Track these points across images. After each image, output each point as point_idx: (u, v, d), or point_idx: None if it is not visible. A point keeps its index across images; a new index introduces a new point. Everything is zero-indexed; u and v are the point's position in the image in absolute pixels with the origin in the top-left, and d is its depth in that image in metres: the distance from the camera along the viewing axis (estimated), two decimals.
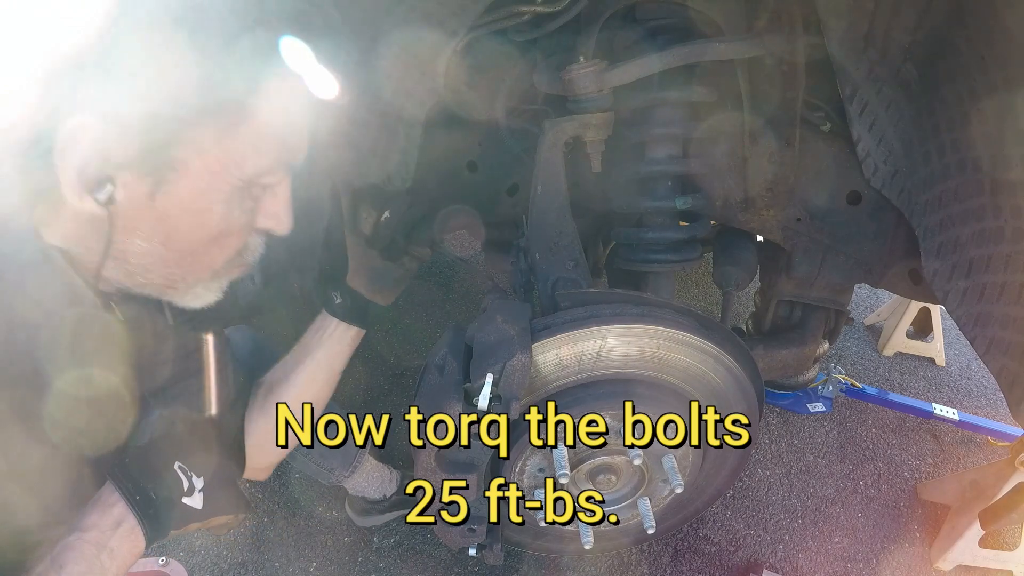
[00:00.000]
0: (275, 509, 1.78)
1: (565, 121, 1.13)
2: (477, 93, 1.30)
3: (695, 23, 1.13)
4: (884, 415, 2.14)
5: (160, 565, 1.37)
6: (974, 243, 0.94)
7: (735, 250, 1.44)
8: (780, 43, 1.07)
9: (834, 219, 1.27)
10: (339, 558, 1.65)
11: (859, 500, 1.82)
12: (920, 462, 1.96)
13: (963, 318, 0.97)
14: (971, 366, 2.45)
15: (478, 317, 1.03)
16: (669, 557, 1.65)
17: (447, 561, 1.63)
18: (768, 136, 1.20)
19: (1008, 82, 0.84)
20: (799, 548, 1.68)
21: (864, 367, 2.44)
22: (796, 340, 1.54)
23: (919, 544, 1.70)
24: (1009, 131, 0.85)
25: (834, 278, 1.35)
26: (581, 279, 1.11)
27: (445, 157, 1.48)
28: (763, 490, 1.85)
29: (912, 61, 1.01)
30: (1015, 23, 0.80)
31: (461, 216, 1.24)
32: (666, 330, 0.99)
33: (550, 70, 1.18)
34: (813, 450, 1.99)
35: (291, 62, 0.74)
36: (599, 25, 1.15)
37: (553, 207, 1.15)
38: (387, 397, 2.23)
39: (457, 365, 0.93)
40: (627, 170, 1.26)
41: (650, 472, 1.10)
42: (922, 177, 1.06)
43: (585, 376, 1.03)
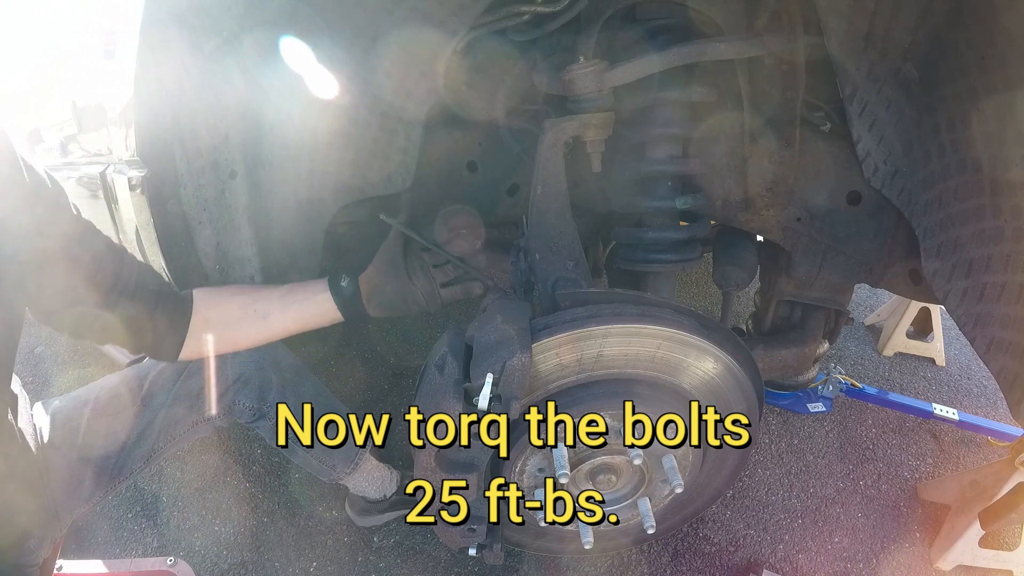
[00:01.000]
0: (275, 509, 1.78)
1: (565, 121, 1.13)
2: (477, 93, 1.30)
3: (695, 23, 1.13)
4: (884, 415, 2.14)
5: (168, 565, 1.37)
6: (974, 243, 0.94)
7: (735, 250, 1.44)
8: (780, 43, 1.07)
9: (834, 219, 1.27)
10: (339, 558, 1.65)
11: (859, 500, 1.82)
12: (920, 462, 1.96)
13: (963, 318, 0.97)
14: (971, 366, 2.45)
15: (478, 317, 1.03)
16: (669, 557, 1.64)
17: (447, 561, 1.63)
18: (768, 136, 1.20)
19: (1008, 82, 0.84)
20: (799, 548, 1.67)
21: (864, 367, 2.44)
22: (796, 340, 1.54)
23: (919, 544, 1.70)
24: (1009, 131, 0.85)
25: (834, 278, 1.35)
26: (581, 279, 1.11)
27: (445, 157, 1.48)
28: (763, 490, 1.85)
29: (912, 61, 1.01)
30: (1015, 23, 0.80)
31: (461, 216, 1.25)
32: (666, 330, 0.99)
33: (550, 70, 1.18)
34: (813, 450, 1.99)
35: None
36: (599, 25, 1.15)
37: (553, 207, 1.15)
38: (387, 397, 2.23)
39: (457, 365, 0.93)
40: (627, 170, 1.26)
41: (650, 472, 1.10)
42: (922, 177, 1.06)
43: (585, 376, 1.03)
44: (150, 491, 1.85)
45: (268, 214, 1.19)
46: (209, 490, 1.85)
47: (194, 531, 1.72)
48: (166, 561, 1.38)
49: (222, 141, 1.07)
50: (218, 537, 1.70)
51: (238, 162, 1.11)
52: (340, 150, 1.21)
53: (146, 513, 1.79)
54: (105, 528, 1.75)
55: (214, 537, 1.70)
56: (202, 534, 1.71)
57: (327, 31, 1.06)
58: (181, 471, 1.92)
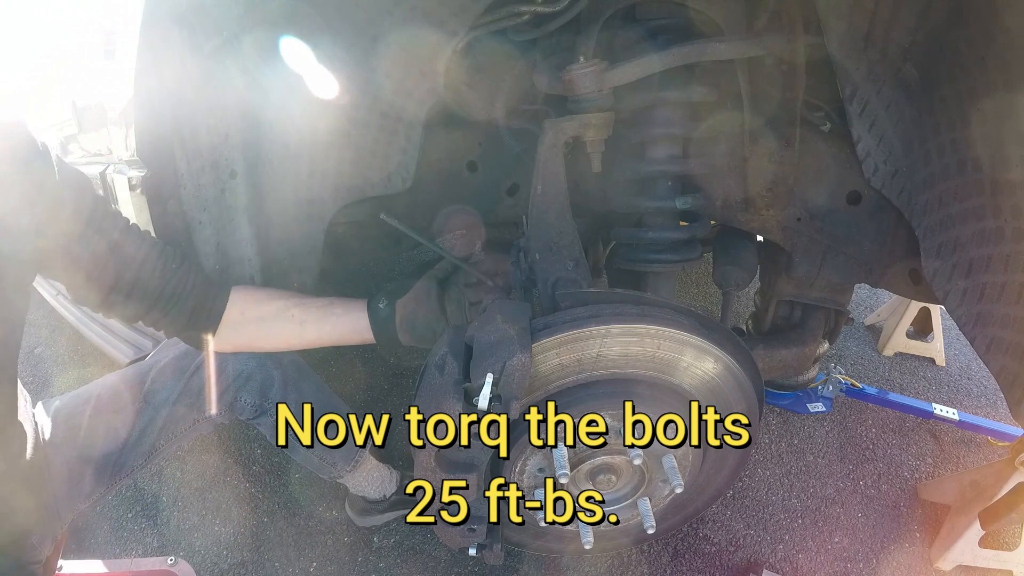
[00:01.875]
0: (275, 509, 1.78)
1: (565, 121, 1.13)
2: (477, 93, 1.30)
3: (695, 23, 1.13)
4: (884, 415, 2.14)
5: (169, 565, 1.37)
6: (974, 243, 0.94)
7: (735, 250, 1.44)
8: (780, 43, 1.07)
9: (834, 219, 1.27)
10: (339, 558, 1.65)
11: (859, 500, 1.82)
12: (920, 462, 1.96)
13: (963, 318, 0.97)
14: (971, 366, 2.45)
15: (478, 317, 1.03)
16: (669, 557, 1.64)
17: (447, 561, 1.63)
18: (768, 136, 1.20)
19: (1008, 82, 0.84)
20: (799, 548, 1.67)
21: (864, 367, 2.44)
22: (796, 340, 1.54)
23: (919, 544, 1.70)
24: (1009, 131, 0.85)
25: (834, 278, 1.35)
26: (581, 279, 1.11)
27: (445, 157, 1.48)
28: (763, 490, 1.85)
29: (912, 61, 1.01)
30: (1015, 23, 0.80)
31: (461, 216, 1.25)
32: (666, 330, 0.99)
33: (550, 70, 1.18)
34: (813, 450, 1.99)
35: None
36: (599, 25, 1.15)
37: (553, 207, 1.15)
38: (387, 397, 2.23)
39: (457, 365, 0.93)
40: (627, 170, 1.26)
41: (650, 472, 1.10)
42: (922, 177, 1.06)
43: (585, 376, 1.02)
44: (150, 491, 1.85)
45: (268, 214, 1.18)
46: (209, 490, 1.85)
47: (194, 531, 1.72)
48: (166, 561, 1.38)
49: (222, 141, 1.07)
50: (218, 537, 1.71)
51: (238, 162, 1.11)
52: (340, 150, 1.21)
53: (146, 513, 1.79)
54: (105, 528, 1.75)
55: (214, 537, 1.71)
56: (202, 534, 1.72)
57: (327, 31, 1.06)
58: (181, 471, 1.92)
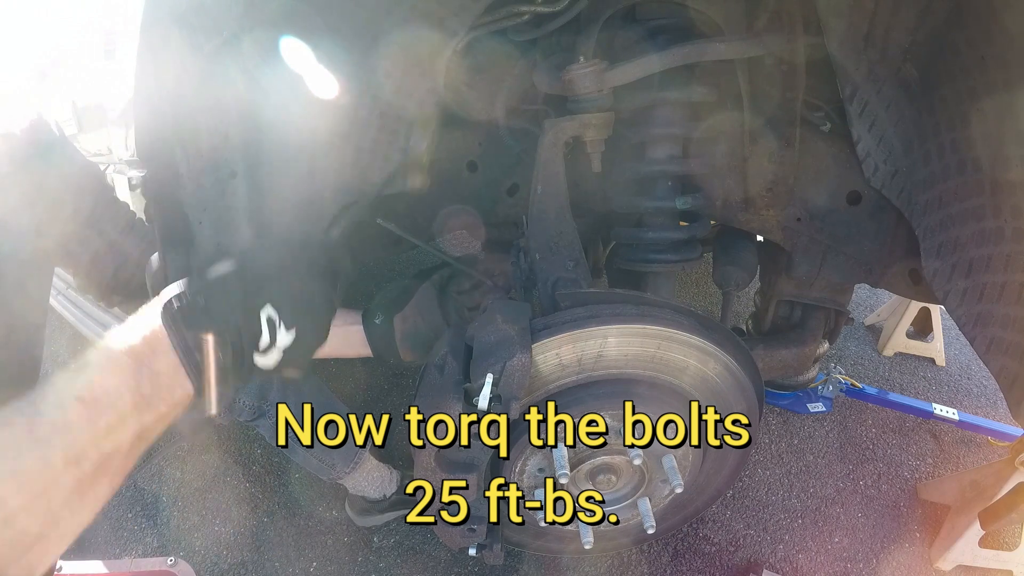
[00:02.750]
0: (275, 509, 1.78)
1: (565, 121, 1.13)
2: (477, 93, 1.30)
3: (695, 23, 1.13)
4: (884, 415, 2.14)
5: (169, 565, 1.37)
6: (974, 243, 0.94)
7: (735, 250, 1.44)
8: (780, 43, 1.07)
9: (834, 219, 1.27)
10: (339, 558, 1.65)
11: (859, 500, 1.82)
12: (920, 462, 1.96)
13: (963, 318, 0.97)
14: (971, 366, 2.45)
15: (478, 317, 1.03)
16: (669, 557, 1.64)
17: (447, 561, 1.63)
18: (768, 136, 1.20)
19: (1008, 82, 0.84)
20: (799, 548, 1.67)
21: (864, 367, 2.44)
22: (796, 340, 1.54)
23: (919, 544, 1.70)
24: (1009, 131, 0.85)
25: (834, 278, 1.35)
26: (581, 279, 1.11)
27: (445, 157, 1.48)
28: (763, 490, 1.85)
29: (912, 61, 1.01)
30: (1015, 23, 0.80)
31: (461, 216, 1.25)
32: (666, 330, 0.99)
33: (550, 70, 1.18)
34: (813, 450, 1.99)
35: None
36: (599, 25, 1.15)
37: (553, 207, 1.15)
38: (387, 397, 2.23)
39: (457, 365, 0.93)
40: (627, 170, 1.26)
41: (650, 472, 1.10)
42: (922, 177, 1.06)
43: (585, 376, 1.02)
44: (150, 491, 1.85)
45: (268, 214, 1.18)
46: (209, 490, 1.85)
47: (194, 531, 1.72)
48: (166, 561, 1.38)
49: (222, 141, 1.07)
50: (218, 537, 1.71)
51: (238, 162, 1.11)
52: (340, 150, 1.20)
53: (146, 513, 1.79)
54: (105, 528, 1.75)
55: (214, 537, 1.70)
56: (202, 534, 1.72)
57: (327, 31, 1.06)
58: (181, 471, 1.92)
